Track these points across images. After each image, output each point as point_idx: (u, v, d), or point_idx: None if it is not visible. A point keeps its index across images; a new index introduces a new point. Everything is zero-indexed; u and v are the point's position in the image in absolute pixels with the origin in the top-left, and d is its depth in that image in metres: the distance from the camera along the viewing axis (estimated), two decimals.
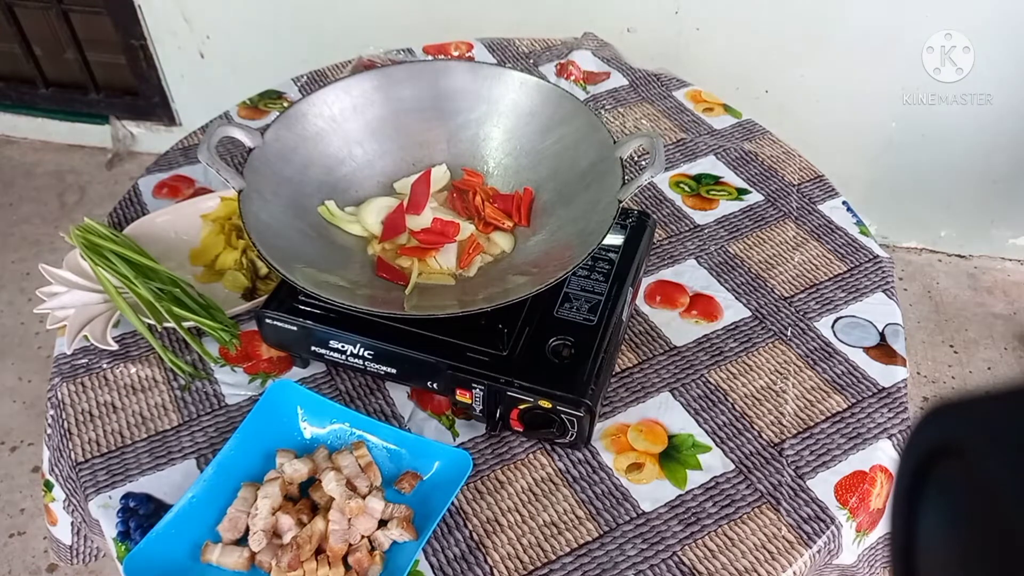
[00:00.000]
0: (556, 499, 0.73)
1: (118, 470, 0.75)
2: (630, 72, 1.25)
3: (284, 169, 0.81)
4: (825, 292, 0.90)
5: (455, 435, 0.77)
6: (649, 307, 0.89)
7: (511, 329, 0.74)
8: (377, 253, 0.81)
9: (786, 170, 1.06)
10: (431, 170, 0.86)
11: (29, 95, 2.25)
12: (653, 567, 0.68)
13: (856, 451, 0.76)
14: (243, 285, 0.90)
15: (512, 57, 1.29)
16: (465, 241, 0.82)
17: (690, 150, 1.10)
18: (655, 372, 0.82)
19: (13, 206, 2.10)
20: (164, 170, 1.08)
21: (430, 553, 0.69)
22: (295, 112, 0.83)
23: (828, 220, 0.99)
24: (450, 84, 0.88)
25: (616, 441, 0.77)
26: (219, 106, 1.20)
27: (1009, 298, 1.83)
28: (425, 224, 0.82)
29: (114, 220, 1.01)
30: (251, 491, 0.70)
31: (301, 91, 1.21)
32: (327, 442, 0.76)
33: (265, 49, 1.93)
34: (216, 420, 0.79)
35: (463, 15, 1.75)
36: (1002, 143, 1.71)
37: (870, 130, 1.76)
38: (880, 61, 1.63)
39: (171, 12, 1.95)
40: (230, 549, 0.67)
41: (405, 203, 0.83)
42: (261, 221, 0.74)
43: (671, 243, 0.97)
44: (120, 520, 0.71)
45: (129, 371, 0.83)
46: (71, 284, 0.86)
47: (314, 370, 0.83)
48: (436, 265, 0.80)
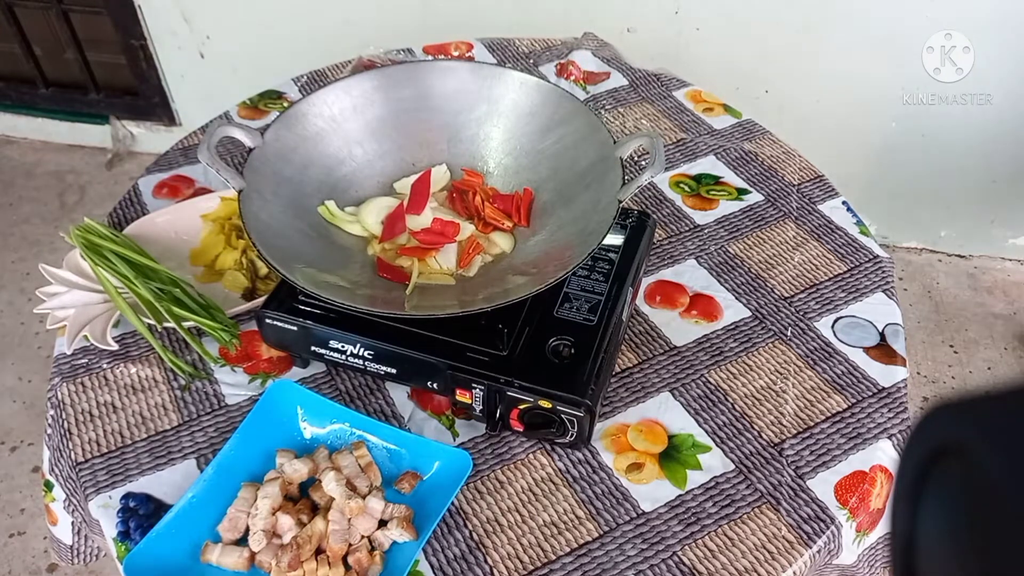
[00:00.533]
0: (556, 499, 0.73)
1: (118, 470, 0.75)
2: (630, 72, 1.25)
3: (284, 169, 0.81)
4: (825, 292, 0.90)
5: (455, 435, 0.77)
6: (649, 307, 0.89)
7: (511, 329, 0.74)
8: (377, 253, 0.81)
9: (786, 170, 1.06)
10: (431, 170, 0.86)
11: (29, 95, 2.25)
12: (653, 567, 0.68)
13: (856, 451, 0.76)
14: (243, 285, 0.90)
15: (512, 57, 1.29)
16: (465, 241, 0.82)
17: (690, 150, 1.10)
18: (655, 372, 0.82)
19: (13, 206, 2.10)
20: (164, 170, 1.08)
21: (430, 553, 0.69)
22: (295, 112, 0.83)
23: (828, 220, 0.99)
24: (450, 84, 0.88)
25: (616, 441, 0.77)
26: (219, 106, 1.20)
27: (1009, 298, 1.83)
28: (425, 224, 0.82)
29: (114, 220, 1.01)
30: (251, 491, 0.70)
31: (301, 91, 1.21)
32: (327, 442, 0.76)
33: (265, 49, 1.93)
34: (216, 420, 0.79)
35: (463, 15, 1.75)
36: (1002, 143, 1.71)
37: (870, 130, 1.76)
38: (880, 61, 1.63)
39: (171, 12, 1.95)
40: (230, 549, 0.67)
41: (405, 203, 0.83)
42: (261, 221, 0.74)
43: (671, 243, 0.97)
44: (120, 520, 0.71)
45: (129, 371, 0.83)
46: (71, 284, 0.86)
47: (314, 370, 0.83)
48: (436, 265, 0.80)
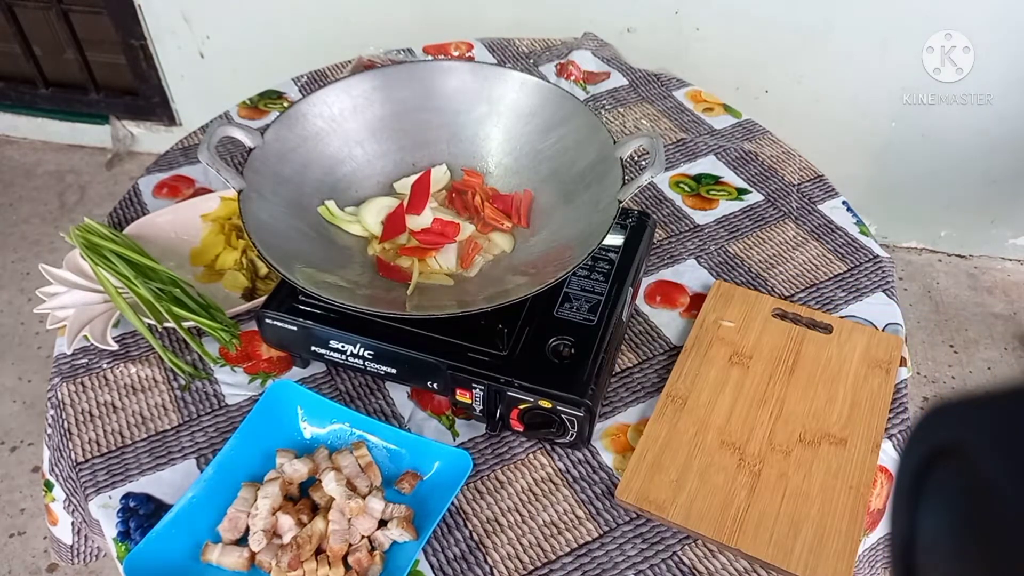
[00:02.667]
0: (556, 499, 0.73)
1: (118, 470, 0.75)
2: (630, 72, 1.25)
3: (284, 169, 0.81)
4: (825, 292, 0.90)
5: (455, 435, 0.77)
6: (649, 307, 0.89)
7: (511, 329, 0.74)
8: (377, 253, 0.81)
9: (786, 170, 1.06)
10: (431, 170, 0.86)
11: (29, 95, 2.25)
12: (653, 567, 0.68)
13: None
14: (243, 285, 0.90)
15: (512, 57, 1.29)
16: (465, 241, 0.82)
17: (690, 150, 1.10)
18: (655, 372, 0.82)
19: (13, 206, 2.10)
20: (164, 170, 1.08)
21: (430, 553, 0.69)
22: (295, 112, 0.83)
23: (828, 220, 0.99)
24: (450, 84, 0.88)
25: (616, 441, 0.77)
26: (219, 106, 1.20)
27: (1009, 298, 1.83)
28: (425, 224, 0.82)
29: (114, 220, 1.01)
30: (251, 491, 0.70)
31: (301, 91, 1.22)
32: (327, 442, 0.76)
33: (265, 49, 1.93)
34: (216, 420, 0.79)
35: (463, 15, 1.75)
36: (1002, 143, 1.71)
37: (870, 130, 1.76)
38: (880, 61, 1.63)
39: (171, 12, 1.95)
40: (230, 549, 0.67)
41: (405, 203, 0.83)
42: (261, 221, 0.74)
43: (671, 243, 0.97)
44: (120, 520, 0.71)
45: (129, 371, 0.83)
46: (71, 284, 0.86)
47: (314, 370, 0.83)
48: (436, 265, 0.80)
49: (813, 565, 0.65)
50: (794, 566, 0.65)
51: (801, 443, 0.74)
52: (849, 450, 0.73)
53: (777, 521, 0.68)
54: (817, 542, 0.67)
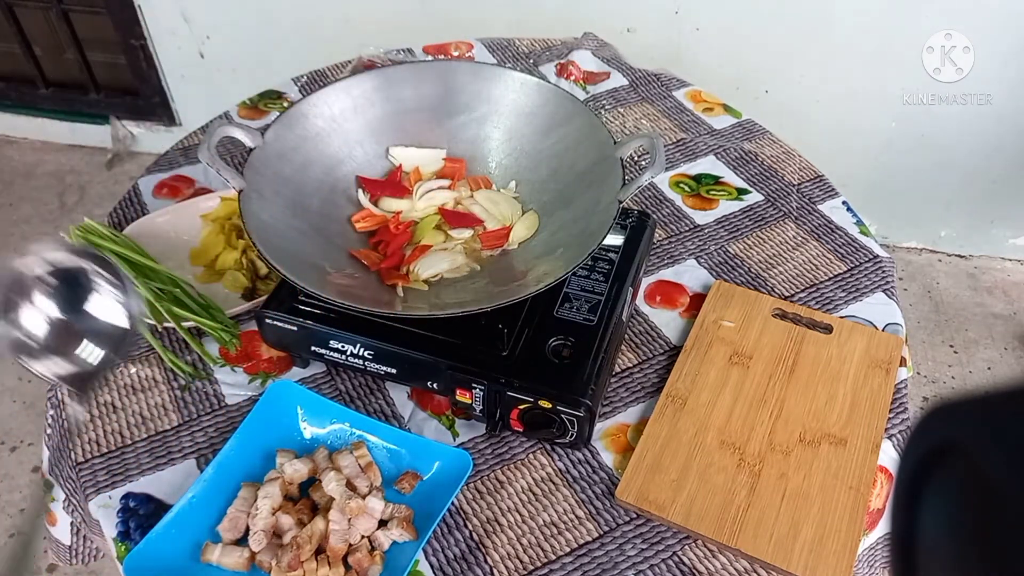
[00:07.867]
0: (556, 499, 0.73)
1: (118, 470, 0.75)
2: (630, 72, 1.25)
3: (284, 169, 0.81)
4: (825, 292, 0.90)
5: (455, 435, 0.77)
6: (649, 307, 0.89)
7: (511, 329, 0.74)
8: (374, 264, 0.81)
9: (786, 170, 1.06)
10: (401, 165, 0.88)
11: (29, 95, 2.25)
12: (653, 567, 0.68)
13: None
14: (243, 285, 0.90)
15: (512, 57, 1.29)
16: (471, 239, 0.82)
17: (690, 150, 1.10)
18: (655, 372, 0.82)
19: (13, 206, 2.10)
20: (164, 170, 1.08)
21: (430, 553, 0.69)
22: (295, 112, 0.83)
23: (828, 220, 0.99)
24: (450, 84, 0.88)
25: (616, 441, 0.77)
26: (219, 106, 1.20)
27: (1009, 298, 1.83)
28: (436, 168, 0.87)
29: (114, 220, 1.01)
30: (251, 491, 0.70)
31: (301, 91, 1.21)
32: (327, 442, 0.76)
33: (265, 49, 1.94)
34: (216, 420, 0.79)
35: (463, 15, 1.76)
36: (1002, 143, 1.71)
37: (870, 130, 1.76)
38: (880, 61, 1.63)
39: (171, 12, 1.95)
40: (230, 549, 0.67)
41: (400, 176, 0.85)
42: (261, 221, 0.74)
43: (671, 243, 0.97)
44: (120, 520, 0.71)
45: (129, 371, 0.83)
46: None
47: (314, 370, 0.83)
48: (437, 266, 0.80)
49: (813, 565, 0.66)
50: (794, 566, 0.65)
51: (801, 443, 0.74)
52: (849, 450, 0.73)
53: (777, 521, 0.68)
54: (817, 542, 0.67)
